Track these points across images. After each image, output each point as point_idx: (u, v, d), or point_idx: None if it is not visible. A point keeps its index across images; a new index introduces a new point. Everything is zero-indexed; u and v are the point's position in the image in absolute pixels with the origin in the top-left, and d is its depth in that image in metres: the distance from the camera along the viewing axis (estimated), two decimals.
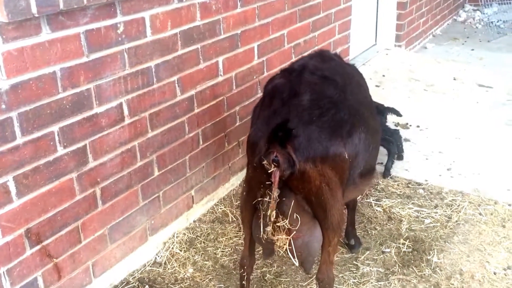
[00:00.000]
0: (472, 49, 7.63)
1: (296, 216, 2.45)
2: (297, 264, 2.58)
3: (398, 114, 4.63)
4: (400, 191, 4.13)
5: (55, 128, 2.65)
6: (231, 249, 3.54)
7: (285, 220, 2.44)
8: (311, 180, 2.41)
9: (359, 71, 3.40)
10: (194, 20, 3.36)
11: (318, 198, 2.46)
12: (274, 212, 2.40)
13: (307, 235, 2.53)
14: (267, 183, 2.39)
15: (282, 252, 2.54)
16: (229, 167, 4.09)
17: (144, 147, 3.22)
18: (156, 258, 3.46)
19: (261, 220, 2.52)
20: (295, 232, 2.47)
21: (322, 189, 2.45)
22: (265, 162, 2.34)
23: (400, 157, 4.53)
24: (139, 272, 3.34)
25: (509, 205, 3.93)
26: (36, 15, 2.39)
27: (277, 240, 2.49)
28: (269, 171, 2.34)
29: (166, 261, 3.42)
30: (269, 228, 2.48)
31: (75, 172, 2.81)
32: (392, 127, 4.78)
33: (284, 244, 2.49)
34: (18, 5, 2.31)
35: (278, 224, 2.44)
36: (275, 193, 2.36)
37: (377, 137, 2.99)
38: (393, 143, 4.40)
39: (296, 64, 2.93)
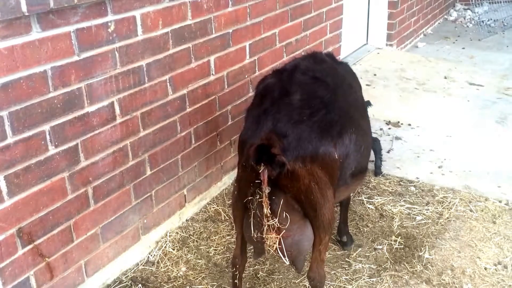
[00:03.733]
0: (463, 48, 7.68)
1: (285, 215, 2.46)
2: (287, 262, 2.59)
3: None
4: (392, 189, 4.15)
5: (46, 127, 2.65)
6: (224, 247, 3.55)
7: (274, 219, 2.44)
8: (300, 179, 2.42)
9: (351, 70, 3.42)
10: (185, 19, 3.36)
11: (308, 197, 2.47)
12: (266, 210, 2.40)
13: (297, 234, 2.53)
14: (256, 181, 2.39)
15: (272, 251, 2.54)
16: (221, 166, 4.10)
17: (136, 146, 3.22)
18: (149, 257, 3.46)
19: (252, 219, 2.52)
20: (284, 231, 2.47)
21: (312, 188, 2.46)
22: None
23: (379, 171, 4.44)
24: (132, 271, 3.35)
25: (500, 201, 3.96)
26: (26, 14, 2.38)
27: (267, 239, 2.49)
28: (259, 171, 2.34)
29: (159, 260, 3.43)
30: (259, 227, 2.49)
31: (66, 171, 2.81)
32: (377, 131, 4.75)
33: (274, 243, 2.49)
34: (8, 4, 2.30)
35: (268, 223, 2.44)
36: (266, 191, 2.36)
37: (368, 138, 3.01)
38: (377, 141, 4.41)
39: (288, 65, 2.96)
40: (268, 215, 2.42)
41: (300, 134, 2.43)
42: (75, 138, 2.82)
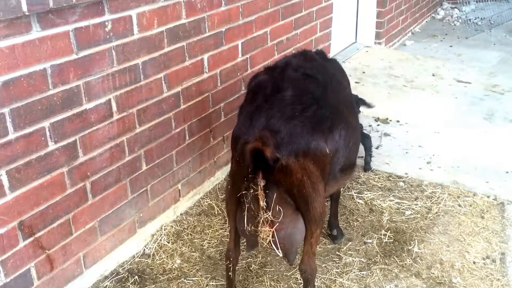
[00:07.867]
0: (451, 46, 7.76)
1: (278, 208, 2.50)
2: (280, 255, 2.63)
3: (369, 105, 4.53)
4: (381, 184, 4.21)
5: (46, 123, 2.70)
6: (217, 240, 3.61)
7: (268, 213, 2.48)
8: (293, 174, 2.46)
9: (340, 67, 3.45)
10: (179, 18, 3.42)
11: (300, 191, 2.51)
12: (262, 203, 2.45)
13: (290, 227, 2.58)
14: (250, 176, 2.44)
15: (265, 244, 2.58)
16: (215, 161, 4.16)
17: (132, 142, 3.27)
18: (144, 249, 3.52)
19: (245, 212, 2.56)
20: (278, 224, 2.51)
21: (304, 182, 2.50)
22: None
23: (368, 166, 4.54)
24: (129, 263, 3.40)
25: (488, 196, 4.01)
26: (27, 13, 2.42)
27: (261, 232, 2.54)
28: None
29: (155, 253, 3.49)
30: (252, 221, 2.54)
31: (66, 166, 2.86)
32: (367, 128, 4.80)
33: (268, 236, 2.53)
34: (9, 4, 2.35)
35: (262, 216, 2.49)
36: (261, 183, 2.41)
37: (356, 134, 3.06)
38: (368, 138, 4.47)
39: (280, 62, 3.00)
40: (264, 207, 2.46)
41: (292, 129, 2.47)
42: (74, 134, 2.87)
